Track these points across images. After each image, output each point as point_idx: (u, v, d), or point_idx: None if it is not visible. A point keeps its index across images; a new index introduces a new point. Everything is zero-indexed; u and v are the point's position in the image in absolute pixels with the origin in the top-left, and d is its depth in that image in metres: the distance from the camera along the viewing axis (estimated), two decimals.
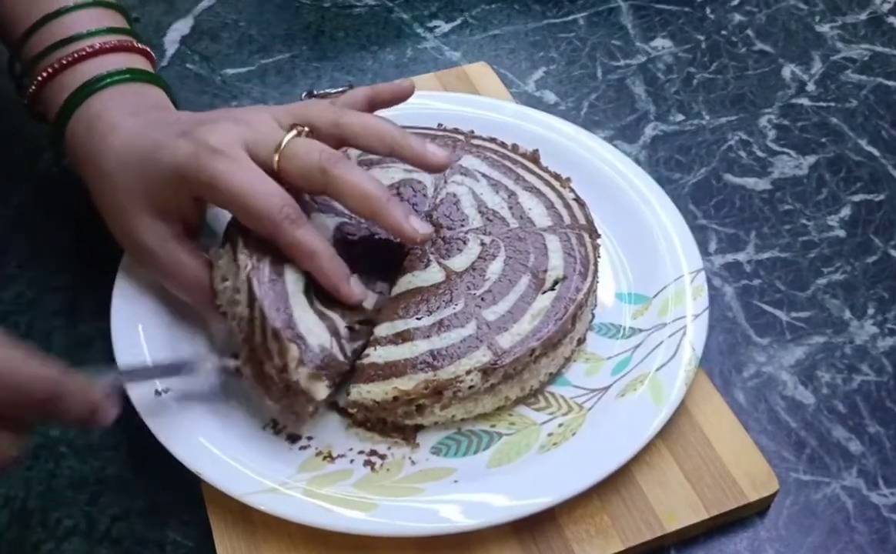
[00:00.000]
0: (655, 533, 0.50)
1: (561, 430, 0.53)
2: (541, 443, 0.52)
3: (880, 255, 0.67)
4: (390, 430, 0.52)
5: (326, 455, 0.52)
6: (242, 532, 0.49)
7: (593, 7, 0.87)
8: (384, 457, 0.52)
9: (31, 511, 0.51)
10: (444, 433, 0.53)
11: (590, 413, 0.53)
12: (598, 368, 0.56)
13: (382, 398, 0.51)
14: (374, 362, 0.52)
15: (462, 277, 0.56)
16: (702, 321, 0.56)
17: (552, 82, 0.79)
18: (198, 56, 0.81)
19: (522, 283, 0.56)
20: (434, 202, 0.61)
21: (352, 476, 0.51)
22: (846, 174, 0.73)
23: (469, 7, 0.86)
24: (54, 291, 0.62)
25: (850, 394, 0.58)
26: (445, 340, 0.53)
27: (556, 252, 0.58)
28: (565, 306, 0.55)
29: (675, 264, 0.60)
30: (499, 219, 0.60)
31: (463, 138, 0.66)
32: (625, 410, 0.53)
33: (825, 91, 0.80)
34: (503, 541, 0.49)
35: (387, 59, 0.81)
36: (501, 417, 0.54)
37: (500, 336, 0.53)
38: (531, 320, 0.54)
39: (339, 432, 0.53)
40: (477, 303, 0.55)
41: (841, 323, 0.62)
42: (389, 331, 0.53)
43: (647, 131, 0.75)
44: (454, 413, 0.53)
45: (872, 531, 0.52)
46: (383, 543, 0.48)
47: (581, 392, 0.55)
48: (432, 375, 0.51)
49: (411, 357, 0.52)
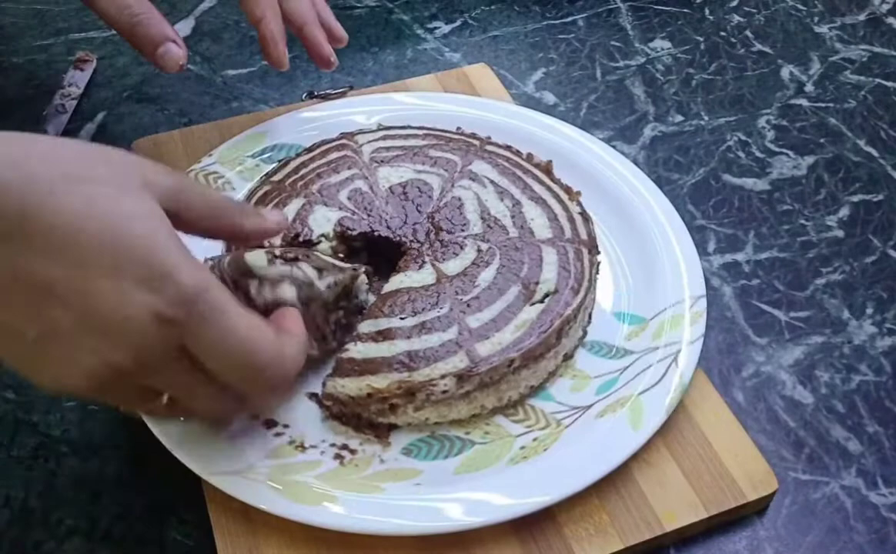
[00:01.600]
0: (655, 532, 0.50)
1: (534, 444, 0.52)
2: (511, 455, 0.52)
3: (879, 256, 0.67)
4: (364, 426, 0.53)
5: (299, 445, 0.52)
6: (243, 531, 0.49)
7: (592, 8, 0.87)
8: (355, 452, 0.52)
9: (32, 511, 0.51)
10: (418, 435, 0.53)
11: (566, 430, 0.53)
12: (584, 386, 0.55)
13: (357, 394, 0.51)
14: (352, 357, 0.52)
15: (453, 281, 0.56)
16: (696, 348, 0.55)
17: (551, 83, 0.79)
18: (199, 57, 0.81)
19: (511, 292, 0.56)
20: (438, 204, 0.61)
21: (318, 468, 0.51)
22: (845, 174, 0.73)
23: (469, 8, 0.87)
24: None
25: (849, 393, 0.59)
26: (425, 342, 0.53)
27: (551, 265, 0.57)
28: (551, 320, 0.54)
29: (676, 288, 0.58)
30: (499, 227, 0.60)
31: (478, 144, 0.66)
32: (600, 432, 0.52)
33: (824, 92, 0.80)
34: (503, 540, 0.49)
35: (387, 60, 0.81)
36: (477, 425, 0.53)
37: (480, 344, 0.53)
38: (514, 331, 0.54)
39: (315, 424, 0.53)
40: (462, 308, 0.54)
41: (840, 323, 0.62)
42: (372, 328, 0.54)
43: (647, 132, 0.75)
44: (428, 416, 0.52)
45: (871, 531, 0.52)
46: (383, 543, 0.48)
47: (562, 408, 0.54)
48: (407, 376, 0.51)
49: (388, 356, 0.52)
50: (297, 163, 0.64)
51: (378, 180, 0.63)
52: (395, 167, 0.63)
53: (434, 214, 0.60)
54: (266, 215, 0.50)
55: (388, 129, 0.67)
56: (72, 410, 0.55)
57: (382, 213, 0.60)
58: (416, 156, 0.65)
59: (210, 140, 0.69)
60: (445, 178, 0.63)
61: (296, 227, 0.59)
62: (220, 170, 0.65)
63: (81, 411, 0.55)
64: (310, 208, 0.61)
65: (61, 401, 0.56)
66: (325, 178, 0.63)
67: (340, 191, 0.62)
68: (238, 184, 0.65)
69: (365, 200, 0.61)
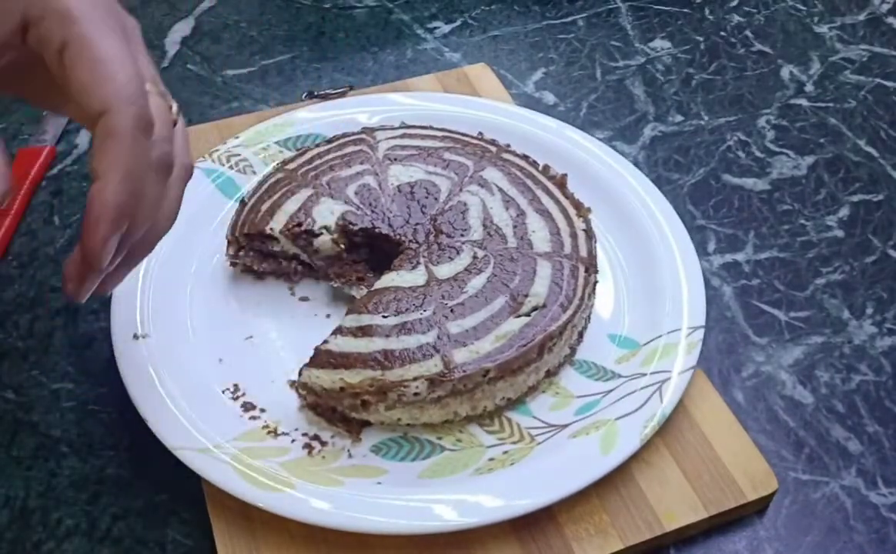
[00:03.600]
0: (654, 532, 0.50)
1: (503, 457, 0.52)
2: (478, 465, 0.51)
3: (879, 255, 0.67)
4: (338, 420, 0.53)
5: (272, 430, 0.52)
6: (243, 531, 0.49)
7: (592, 8, 0.87)
8: (325, 444, 0.52)
9: (32, 511, 0.51)
10: (390, 434, 0.53)
11: (538, 447, 0.52)
12: (565, 405, 0.55)
13: (330, 386, 0.52)
14: (330, 350, 0.53)
15: (441, 285, 0.56)
16: (684, 378, 0.54)
17: (551, 83, 0.79)
18: (199, 57, 0.81)
19: (497, 302, 0.55)
20: (443, 207, 0.61)
21: (286, 455, 0.51)
22: (845, 174, 0.73)
23: (469, 8, 0.87)
24: (54, 291, 0.62)
25: (849, 393, 0.59)
26: (403, 342, 0.53)
27: (543, 279, 0.57)
28: (534, 335, 0.54)
29: (675, 317, 0.57)
30: (499, 235, 0.59)
31: (494, 150, 0.66)
32: (570, 452, 0.51)
33: (824, 91, 0.80)
34: (503, 539, 0.49)
35: (387, 60, 0.81)
36: (451, 431, 0.53)
37: (457, 350, 0.52)
38: (494, 342, 0.53)
39: (291, 411, 0.54)
40: (445, 313, 0.54)
41: (840, 323, 0.62)
42: (354, 323, 0.54)
43: (647, 132, 0.75)
44: (399, 416, 0.52)
45: (871, 531, 0.52)
46: (382, 542, 0.48)
47: (538, 424, 0.54)
48: (380, 374, 0.51)
49: (365, 352, 0.52)
50: (313, 153, 0.65)
51: (388, 178, 0.63)
52: (406, 166, 0.64)
53: (437, 217, 0.60)
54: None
55: (409, 128, 0.67)
56: (72, 410, 0.56)
57: (386, 210, 0.60)
58: (430, 157, 0.65)
59: (210, 140, 0.69)
60: (454, 182, 0.63)
61: (299, 217, 0.60)
62: (243, 152, 0.67)
63: (81, 411, 0.55)
64: (316, 199, 0.61)
65: (61, 401, 0.56)
66: (336, 170, 0.63)
67: (349, 185, 0.62)
68: (259, 167, 0.66)
69: (371, 196, 0.61)
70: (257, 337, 0.58)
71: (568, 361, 0.57)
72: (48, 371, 0.57)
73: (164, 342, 0.55)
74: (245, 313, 0.59)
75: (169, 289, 0.58)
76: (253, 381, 0.55)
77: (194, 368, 0.55)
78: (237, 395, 0.54)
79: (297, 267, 0.61)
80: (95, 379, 0.57)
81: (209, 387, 0.54)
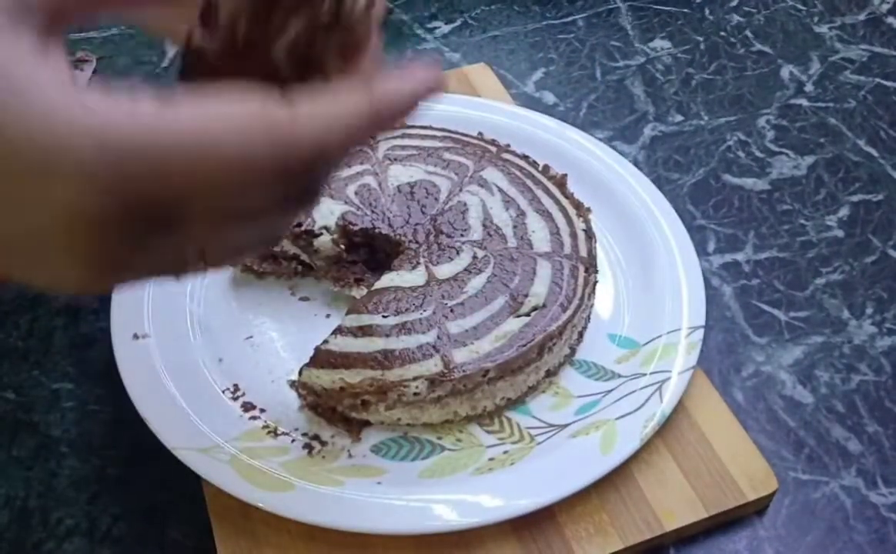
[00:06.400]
0: (654, 532, 0.50)
1: (503, 457, 0.52)
2: (478, 465, 0.51)
3: (879, 255, 0.67)
4: (338, 420, 0.53)
5: (272, 430, 0.52)
6: (243, 531, 0.49)
7: (592, 8, 0.87)
8: (325, 444, 0.52)
9: (32, 511, 0.51)
10: (390, 434, 0.53)
11: (538, 447, 0.52)
12: (565, 405, 0.54)
13: (329, 386, 0.52)
14: (330, 349, 0.53)
15: (441, 285, 0.56)
16: (684, 378, 0.54)
17: (551, 83, 0.79)
18: None
19: (497, 302, 0.55)
20: (443, 207, 0.61)
21: (286, 455, 0.51)
22: (845, 174, 0.73)
23: (469, 8, 0.87)
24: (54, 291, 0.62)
25: (849, 393, 0.59)
26: (403, 342, 0.53)
27: (543, 279, 0.57)
28: (534, 335, 0.54)
29: (674, 317, 0.57)
30: (499, 235, 0.59)
31: (494, 150, 0.66)
32: (571, 452, 0.51)
33: (823, 91, 0.80)
34: (503, 539, 0.49)
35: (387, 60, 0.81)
36: (451, 431, 0.53)
37: (457, 350, 0.53)
38: (494, 342, 0.53)
39: (291, 411, 0.54)
40: (445, 313, 0.54)
41: (839, 323, 0.62)
42: (354, 322, 0.54)
43: (646, 132, 0.75)
44: (399, 416, 0.53)
45: (871, 531, 0.52)
46: (382, 542, 0.48)
47: (538, 424, 0.53)
48: (380, 374, 0.51)
49: (365, 352, 0.52)
50: None
51: (388, 178, 0.63)
52: (406, 166, 0.64)
53: (437, 217, 0.60)
54: None
55: (409, 128, 0.67)
56: (72, 410, 0.56)
57: (386, 210, 0.60)
58: (430, 157, 0.65)
59: None
60: (454, 182, 0.63)
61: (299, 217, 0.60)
62: None
63: (81, 411, 0.55)
64: None
65: (61, 401, 0.56)
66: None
67: (349, 185, 0.62)
68: None
69: (371, 197, 0.61)
70: (257, 337, 0.58)
71: (568, 361, 0.57)
72: (48, 371, 0.57)
73: (164, 342, 0.55)
74: (245, 313, 0.59)
75: (169, 289, 0.58)
76: (253, 381, 0.55)
77: (194, 368, 0.55)
78: (237, 395, 0.54)
79: (298, 267, 0.61)
80: (95, 379, 0.57)
81: (209, 387, 0.54)
